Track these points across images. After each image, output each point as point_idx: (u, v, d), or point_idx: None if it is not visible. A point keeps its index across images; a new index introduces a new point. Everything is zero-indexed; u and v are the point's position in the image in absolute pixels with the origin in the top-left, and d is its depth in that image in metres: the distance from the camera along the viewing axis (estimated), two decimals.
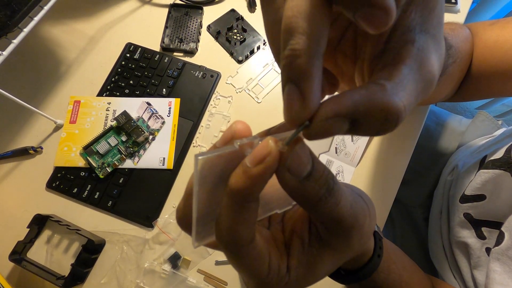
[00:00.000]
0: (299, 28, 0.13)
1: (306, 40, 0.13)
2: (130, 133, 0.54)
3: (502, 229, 0.37)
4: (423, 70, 0.14)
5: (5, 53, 0.44)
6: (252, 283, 0.18)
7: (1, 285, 0.45)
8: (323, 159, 0.56)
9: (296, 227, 0.19)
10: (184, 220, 0.18)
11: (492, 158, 0.42)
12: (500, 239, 0.37)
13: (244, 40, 0.63)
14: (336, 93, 0.19)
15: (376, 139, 0.57)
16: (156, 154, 0.54)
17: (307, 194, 0.15)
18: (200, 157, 0.14)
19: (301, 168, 0.15)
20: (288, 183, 0.15)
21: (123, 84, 0.59)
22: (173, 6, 0.65)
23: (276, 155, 0.15)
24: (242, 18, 0.64)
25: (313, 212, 0.16)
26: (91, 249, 0.48)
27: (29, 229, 0.49)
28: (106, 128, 0.55)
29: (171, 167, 0.54)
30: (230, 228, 0.15)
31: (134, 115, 0.55)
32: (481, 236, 0.43)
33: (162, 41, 0.62)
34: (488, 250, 0.42)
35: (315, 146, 0.17)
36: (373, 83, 0.14)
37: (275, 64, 0.62)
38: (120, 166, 0.53)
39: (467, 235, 0.45)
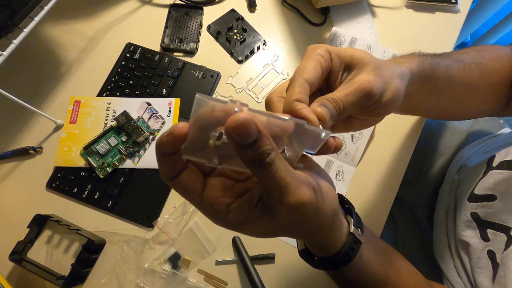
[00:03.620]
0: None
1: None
2: (130, 133, 0.54)
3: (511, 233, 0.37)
4: (352, 86, 0.27)
5: (5, 53, 0.44)
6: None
7: (1, 285, 0.45)
8: (322, 159, 0.56)
9: (254, 188, 0.24)
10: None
11: (506, 159, 0.42)
12: (508, 243, 0.38)
13: (244, 40, 0.63)
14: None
15: (376, 139, 0.57)
16: None
17: (242, 155, 0.20)
18: (198, 96, 0.19)
19: (236, 136, 0.19)
20: (229, 140, 0.20)
21: (123, 84, 0.59)
22: (173, 6, 0.65)
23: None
24: (242, 18, 0.64)
25: (253, 173, 0.21)
26: (91, 249, 0.48)
27: (29, 229, 0.49)
28: (106, 128, 0.55)
29: None
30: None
31: (134, 115, 0.55)
32: (485, 238, 0.43)
33: (162, 41, 0.62)
34: (490, 253, 0.41)
35: (304, 144, 0.23)
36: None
37: (275, 64, 0.62)
38: (120, 166, 0.53)
39: (471, 235, 0.45)
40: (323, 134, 0.22)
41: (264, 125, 0.20)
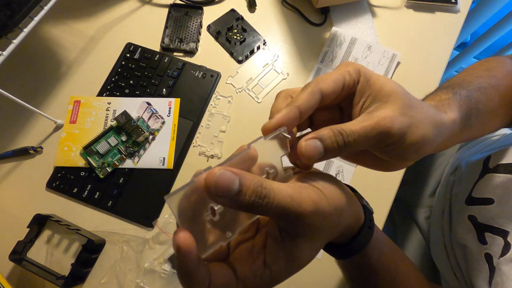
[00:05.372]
0: None
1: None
2: (130, 133, 0.54)
3: (509, 239, 0.37)
4: (371, 120, 0.24)
5: (5, 53, 0.44)
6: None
7: (1, 285, 0.45)
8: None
9: (269, 230, 0.23)
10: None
11: (503, 162, 0.42)
12: (505, 249, 0.37)
13: (244, 40, 0.63)
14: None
15: None
16: (156, 154, 0.54)
17: (243, 204, 0.19)
18: (166, 197, 0.18)
19: (224, 192, 0.18)
20: (221, 202, 0.19)
21: (123, 84, 0.59)
22: (173, 6, 0.65)
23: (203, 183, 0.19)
24: (242, 18, 0.64)
25: (260, 213, 0.20)
26: (91, 249, 0.48)
27: (29, 229, 0.49)
28: (106, 128, 0.55)
29: (171, 167, 0.54)
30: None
31: (134, 115, 0.56)
32: (482, 241, 0.43)
33: (162, 41, 0.62)
34: (487, 256, 0.41)
35: (276, 152, 0.24)
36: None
37: (275, 64, 0.62)
38: (120, 166, 0.53)
39: (468, 237, 0.45)
40: (281, 130, 0.23)
41: (236, 166, 0.20)
